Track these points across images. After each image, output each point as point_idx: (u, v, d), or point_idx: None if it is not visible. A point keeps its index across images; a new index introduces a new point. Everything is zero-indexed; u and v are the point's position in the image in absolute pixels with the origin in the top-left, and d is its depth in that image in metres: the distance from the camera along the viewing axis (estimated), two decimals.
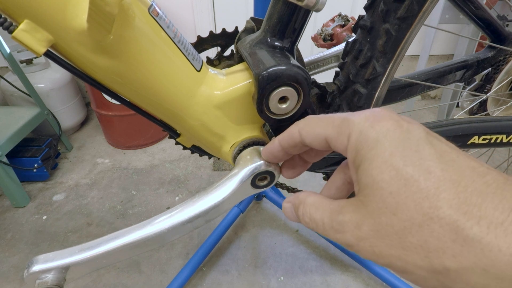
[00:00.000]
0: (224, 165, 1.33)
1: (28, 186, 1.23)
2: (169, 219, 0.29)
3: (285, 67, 0.30)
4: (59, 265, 0.28)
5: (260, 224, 1.06)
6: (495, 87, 0.63)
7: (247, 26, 0.41)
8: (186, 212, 0.29)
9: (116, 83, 0.31)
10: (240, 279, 0.90)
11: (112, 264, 0.30)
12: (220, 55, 0.45)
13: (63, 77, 1.41)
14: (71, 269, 0.28)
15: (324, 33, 0.72)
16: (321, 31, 0.73)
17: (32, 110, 1.24)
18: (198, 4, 1.49)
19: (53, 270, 0.28)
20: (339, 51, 0.58)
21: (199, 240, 1.00)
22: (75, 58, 0.28)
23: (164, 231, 0.29)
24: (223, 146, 0.37)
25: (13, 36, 0.24)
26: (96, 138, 1.53)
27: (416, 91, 0.55)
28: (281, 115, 0.33)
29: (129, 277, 0.90)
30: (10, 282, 0.89)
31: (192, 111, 0.34)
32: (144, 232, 0.29)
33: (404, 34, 0.36)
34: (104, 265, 0.30)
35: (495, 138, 0.46)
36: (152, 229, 0.29)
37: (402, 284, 0.82)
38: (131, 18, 0.27)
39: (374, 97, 0.41)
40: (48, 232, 1.04)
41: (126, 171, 1.31)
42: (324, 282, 0.89)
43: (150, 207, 1.13)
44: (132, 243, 0.29)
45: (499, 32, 0.59)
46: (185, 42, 0.33)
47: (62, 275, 0.28)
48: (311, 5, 0.29)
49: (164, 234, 0.29)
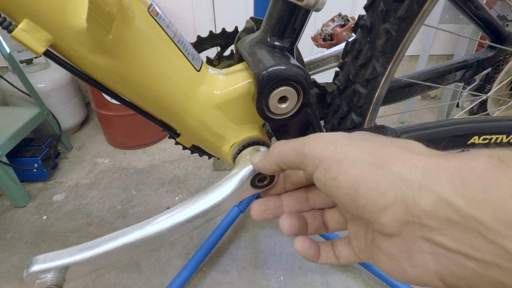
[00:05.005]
0: (224, 165, 1.33)
1: (28, 186, 1.23)
2: (169, 219, 0.29)
3: (285, 67, 0.30)
4: (59, 265, 0.28)
5: (260, 224, 1.06)
6: (495, 87, 0.63)
7: (247, 26, 0.41)
8: (186, 212, 0.29)
9: (115, 83, 0.31)
10: (240, 279, 0.90)
11: (112, 264, 0.30)
12: (220, 55, 0.45)
13: (63, 77, 1.41)
14: (70, 269, 0.28)
15: (324, 33, 0.72)
16: (321, 31, 0.73)
17: (32, 110, 1.24)
18: (198, 4, 1.49)
19: (53, 270, 0.28)
20: (338, 51, 0.58)
21: (199, 240, 1.00)
22: (74, 58, 0.28)
23: (164, 231, 0.29)
24: (222, 146, 0.37)
25: (12, 35, 0.24)
26: (96, 138, 1.53)
27: (416, 91, 0.55)
28: (281, 115, 0.33)
29: (129, 277, 0.90)
30: (10, 282, 0.89)
31: (191, 111, 0.34)
32: (144, 232, 0.29)
33: (404, 34, 0.36)
34: (104, 265, 0.29)
35: (495, 138, 0.46)
36: (152, 229, 0.29)
37: (402, 284, 0.82)
38: (130, 18, 0.27)
39: (374, 97, 0.41)
40: (48, 232, 1.04)
41: (126, 171, 1.31)
42: (324, 282, 0.89)
43: (150, 207, 1.13)
44: (132, 243, 0.29)
45: (499, 32, 0.59)
46: (185, 42, 0.33)
47: (61, 275, 0.28)
48: (310, 4, 0.29)
49: (164, 234, 0.29)
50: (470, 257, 0.16)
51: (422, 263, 0.18)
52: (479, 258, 0.15)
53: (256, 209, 0.28)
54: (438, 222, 0.16)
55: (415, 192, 0.17)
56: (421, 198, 0.17)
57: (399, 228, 0.18)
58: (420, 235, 0.17)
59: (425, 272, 0.18)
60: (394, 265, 0.19)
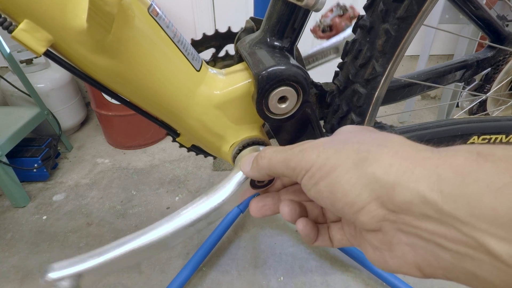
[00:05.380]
0: (224, 165, 1.33)
1: (28, 186, 1.23)
2: (172, 223, 0.30)
3: (284, 67, 0.30)
4: (74, 273, 0.28)
5: (260, 224, 1.06)
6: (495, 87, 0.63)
7: (247, 26, 0.41)
8: (188, 216, 0.30)
9: (115, 83, 0.31)
10: (240, 279, 0.90)
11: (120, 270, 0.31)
12: (215, 56, 0.45)
13: (63, 77, 1.41)
14: (84, 276, 0.29)
15: (323, 24, 0.71)
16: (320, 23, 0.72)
17: (32, 110, 1.24)
18: (198, 4, 1.49)
19: (69, 279, 0.28)
20: (337, 42, 0.57)
21: (199, 240, 1.00)
22: (75, 58, 0.28)
23: (168, 236, 0.29)
24: (222, 146, 0.37)
25: (12, 35, 0.24)
26: (96, 138, 1.53)
27: (416, 91, 0.55)
28: (281, 115, 0.33)
29: (129, 277, 0.90)
30: (10, 282, 0.89)
31: (191, 111, 0.34)
32: (148, 238, 0.29)
33: (404, 34, 0.36)
34: (113, 271, 0.30)
35: (494, 138, 0.46)
36: (157, 234, 0.29)
37: (402, 284, 0.82)
38: (130, 18, 0.27)
39: (373, 97, 0.41)
40: (48, 232, 1.04)
41: (126, 171, 1.31)
42: (324, 282, 0.89)
43: (150, 207, 1.13)
44: (138, 249, 0.29)
45: (499, 32, 0.59)
46: (185, 42, 0.33)
47: (76, 282, 0.29)
48: (310, 5, 0.29)
49: (167, 238, 0.30)
50: (444, 248, 0.16)
51: (401, 254, 0.19)
52: (453, 249, 0.16)
53: (254, 206, 0.29)
54: (414, 217, 0.17)
55: (389, 190, 0.18)
56: (395, 196, 0.17)
57: (378, 224, 0.19)
58: (398, 228, 0.18)
59: (404, 263, 0.19)
60: (377, 256, 0.21)
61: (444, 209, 0.16)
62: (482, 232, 0.14)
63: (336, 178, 0.20)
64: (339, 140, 0.22)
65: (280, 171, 0.24)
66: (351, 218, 0.20)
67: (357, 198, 0.19)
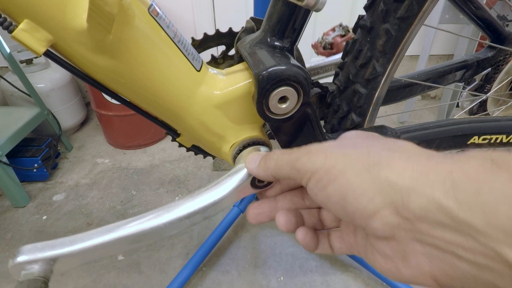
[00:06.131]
0: (224, 165, 1.33)
1: (28, 186, 1.23)
2: (167, 214, 0.28)
3: (285, 67, 0.30)
4: (46, 256, 0.26)
5: (260, 224, 1.06)
6: (495, 87, 0.63)
7: (247, 26, 0.41)
8: (184, 208, 0.29)
9: (116, 83, 0.31)
10: (240, 279, 0.90)
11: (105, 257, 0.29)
12: (225, 54, 0.45)
13: (63, 77, 1.41)
14: (60, 261, 0.27)
15: (325, 41, 0.73)
16: (322, 40, 0.74)
17: (32, 110, 1.24)
18: (198, 4, 1.49)
19: (40, 261, 0.26)
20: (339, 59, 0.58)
21: (199, 240, 1.00)
22: (75, 58, 0.28)
23: (161, 226, 0.28)
24: (223, 146, 0.37)
25: (12, 35, 0.24)
26: (96, 138, 1.53)
27: (416, 91, 0.55)
28: (281, 115, 0.33)
29: (129, 277, 0.90)
30: (10, 282, 0.89)
31: (192, 111, 0.34)
32: (140, 226, 0.28)
33: (404, 34, 0.36)
34: (97, 258, 0.28)
35: (495, 138, 0.46)
36: (149, 223, 0.28)
37: (402, 284, 0.82)
38: (131, 18, 0.27)
39: (374, 97, 0.41)
40: (48, 232, 1.04)
41: (126, 171, 1.31)
42: (324, 282, 0.89)
43: (150, 207, 1.13)
44: (127, 237, 0.28)
45: (499, 32, 0.59)
46: (185, 42, 0.33)
47: (49, 266, 0.27)
48: (311, 5, 0.29)
49: (160, 229, 0.28)
50: (462, 258, 0.16)
51: (416, 263, 0.18)
52: (471, 260, 0.15)
53: (251, 213, 0.29)
54: (429, 225, 0.16)
55: (404, 195, 0.17)
56: (410, 201, 0.17)
57: (391, 231, 0.18)
58: (413, 237, 0.18)
59: (419, 273, 0.18)
60: (389, 265, 0.20)
61: (460, 217, 0.15)
62: (500, 242, 0.14)
63: (347, 182, 0.19)
64: (347, 144, 0.22)
65: (286, 172, 0.24)
66: (362, 223, 0.19)
67: (369, 203, 0.18)
